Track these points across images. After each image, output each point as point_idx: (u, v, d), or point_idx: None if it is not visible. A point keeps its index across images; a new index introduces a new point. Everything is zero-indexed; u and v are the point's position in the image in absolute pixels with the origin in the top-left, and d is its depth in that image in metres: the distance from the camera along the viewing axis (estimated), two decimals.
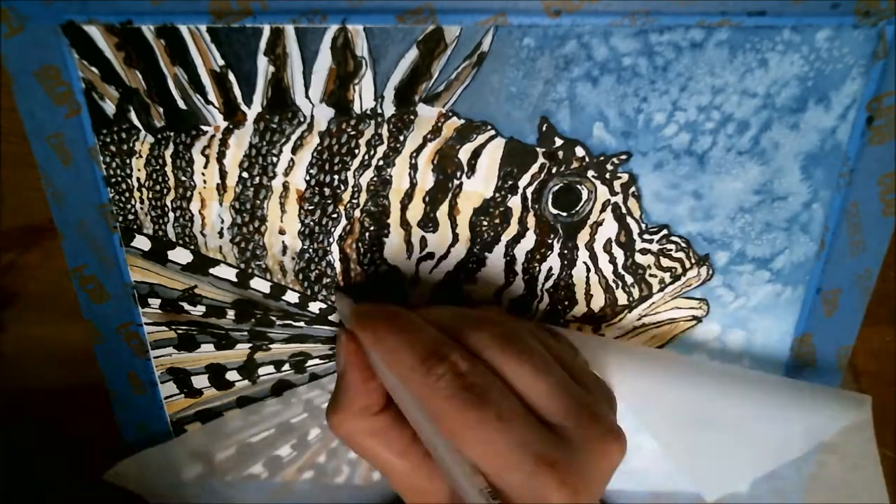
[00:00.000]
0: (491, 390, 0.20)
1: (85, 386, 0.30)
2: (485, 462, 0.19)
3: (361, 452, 0.23)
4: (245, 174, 0.25)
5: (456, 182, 0.25)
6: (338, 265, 0.27)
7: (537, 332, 0.24)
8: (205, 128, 0.24)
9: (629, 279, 0.27)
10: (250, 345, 0.28)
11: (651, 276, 0.27)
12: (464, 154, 0.25)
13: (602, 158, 0.25)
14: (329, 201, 0.25)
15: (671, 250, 0.26)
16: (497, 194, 0.25)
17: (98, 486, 0.33)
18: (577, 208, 0.26)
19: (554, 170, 0.25)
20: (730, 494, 0.33)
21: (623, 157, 0.25)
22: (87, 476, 0.34)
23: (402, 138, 0.24)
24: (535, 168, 0.25)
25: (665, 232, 0.26)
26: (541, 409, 0.21)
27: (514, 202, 0.25)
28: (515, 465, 0.19)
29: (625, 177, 0.25)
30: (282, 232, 0.26)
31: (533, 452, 0.19)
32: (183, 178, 0.25)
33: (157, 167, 0.25)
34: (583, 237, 0.26)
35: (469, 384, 0.20)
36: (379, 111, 0.24)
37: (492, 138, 0.24)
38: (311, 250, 0.26)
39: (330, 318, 0.28)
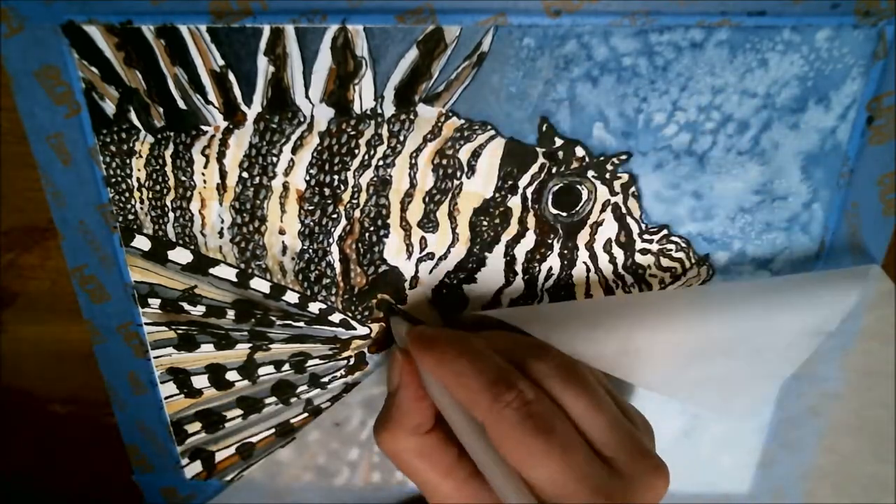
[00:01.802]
0: (555, 420, 0.21)
1: (84, 386, 0.30)
2: (545, 489, 0.20)
3: (406, 470, 0.24)
4: (245, 174, 0.25)
5: (456, 182, 0.25)
6: (338, 265, 0.27)
7: (587, 364, 0.25)
8: (205, 128, 0.24)
9: (629, 279, 0.27)
10: (250, 345, 0.28)
11: (651, 276, 0.27)
12: (464, 154, 0.25)
13: (602, 158, 0.25)
14: (329, 201, 0.25)
15: (671, 250, 0.26)
16: (497, 194, 0.25)
17: (96, 485, 0.33)
18: (577, 208, 0.26)
19: (554, 170, 0.25)
20: (728, 494, 0.33)
21: (623, 157, 0.25)
22: (87, 476, 0.34)
23: (402, 138, 0.24)
24: (535, 168, 0.25)
25: (665, 232, 0.26)
26: (597, 441, 0.21)
27: (514, 202, 0.25)
28: (575, 494, 0.20)
29: (625, 177, 0.25)
30: (282, 232, 0.26)
31: (592, 485, 0.20)
32: (183, 178, 0.25)
33: (157, 167, 0.25)
34: (583, 237, 0.26)
35: (535, 413, 0.21)
36: (379, 111, 0.24)
37: (492, 138, 0.24)
38: (310, 250, 0.26)
39: (330, 318, 0.28)
